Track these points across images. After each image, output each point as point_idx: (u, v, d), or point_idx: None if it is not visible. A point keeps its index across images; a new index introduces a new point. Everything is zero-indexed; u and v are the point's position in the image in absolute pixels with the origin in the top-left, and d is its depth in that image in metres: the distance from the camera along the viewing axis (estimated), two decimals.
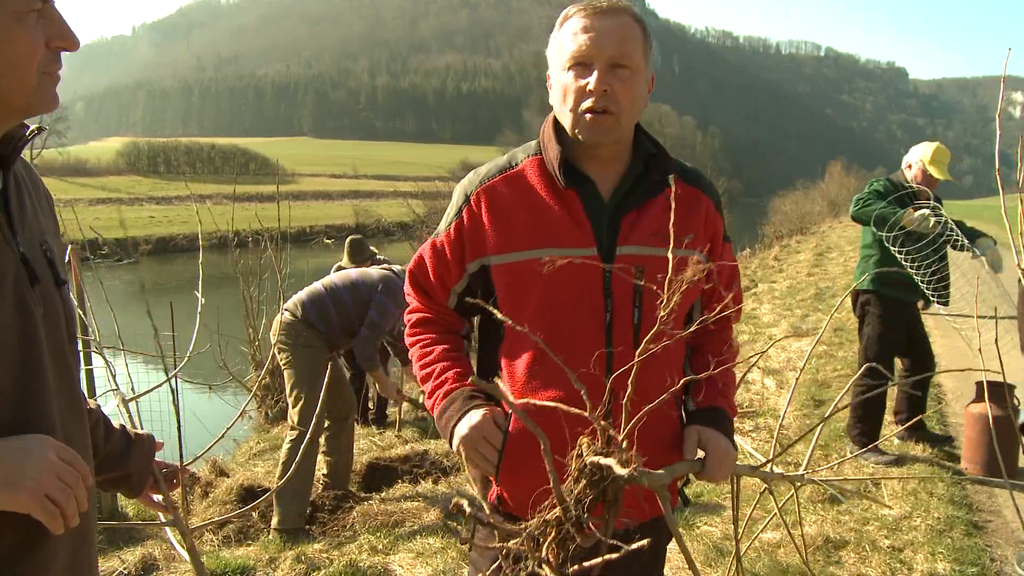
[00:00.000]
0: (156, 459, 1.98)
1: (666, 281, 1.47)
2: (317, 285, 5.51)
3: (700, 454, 1.93)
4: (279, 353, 5.28)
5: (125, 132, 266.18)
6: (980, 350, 2.31)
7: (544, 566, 1.38)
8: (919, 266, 5.16)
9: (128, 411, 2.44)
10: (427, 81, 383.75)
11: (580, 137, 1.91)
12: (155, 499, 2.02)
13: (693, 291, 2.00)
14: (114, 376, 2.83)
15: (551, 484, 1.43)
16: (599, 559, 1.38)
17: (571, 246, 1.88)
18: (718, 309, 1.61)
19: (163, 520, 2.18)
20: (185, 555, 2.15)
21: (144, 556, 4.55)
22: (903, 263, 5.18)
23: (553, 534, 1.41)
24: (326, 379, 3.25)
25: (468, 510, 1.47)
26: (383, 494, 5.51)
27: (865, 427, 5.68)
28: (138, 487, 1.92)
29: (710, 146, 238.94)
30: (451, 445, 1.93)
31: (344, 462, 5.58)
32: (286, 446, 5.15)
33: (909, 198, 5.46)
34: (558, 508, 1.42)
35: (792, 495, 2.41)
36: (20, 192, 1.49)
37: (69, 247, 5.40)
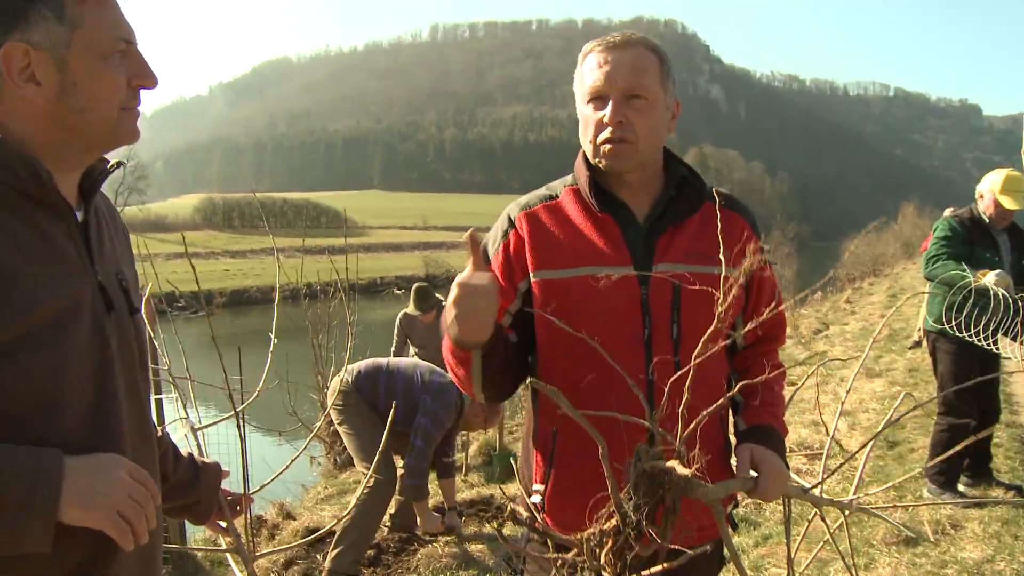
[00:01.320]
0: (222, 487, 2.04)
1: (720, 286, 1.51)
2: (382, 360, 5.58)
3: (752, 473, 1.91)
4: (332, 414, 5.38)
5: (201, 188, 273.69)
6: None
7: (603, 573, 1.37)
8: (977, 332, 5.03)
9: (197, 440, 2.50)
10: (494, 132, 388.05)
11: (601, 166, 2.00)
12: (220, 526, 2.07)
13: (735, 305, 2.00)
14: (184, 405, 2.91)
15: (609, 491, 1.43)
16: (658, 567, 1.38)
17: (609, 265, 1.93)
18: (765, 314, 1.62)
19: (225, 547, 2.20)
20: None
21: None
22: (956, 329, 5.12)
23: (610, 543, 1.41)
24: (388, 426, 3.24)
25: (524, 514, 1.47)
26: (448, 537, 5.49)
27: (943, 466, 5.49)
28: (205, 514, 1.99)
29: (778, 190, 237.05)
30: (450, 332, 1.82)
31: (412, 511, 5.58)
32: (362, 491, 5.18)
33: (983, 233, 5.31)
34: (616, 516, 1.41)
35: (841, 522, 2.34)
36: (100, 223, 1.59)
37: (146, 294, 5.56)
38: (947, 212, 12.64)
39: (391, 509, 5.59)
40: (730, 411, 2.13)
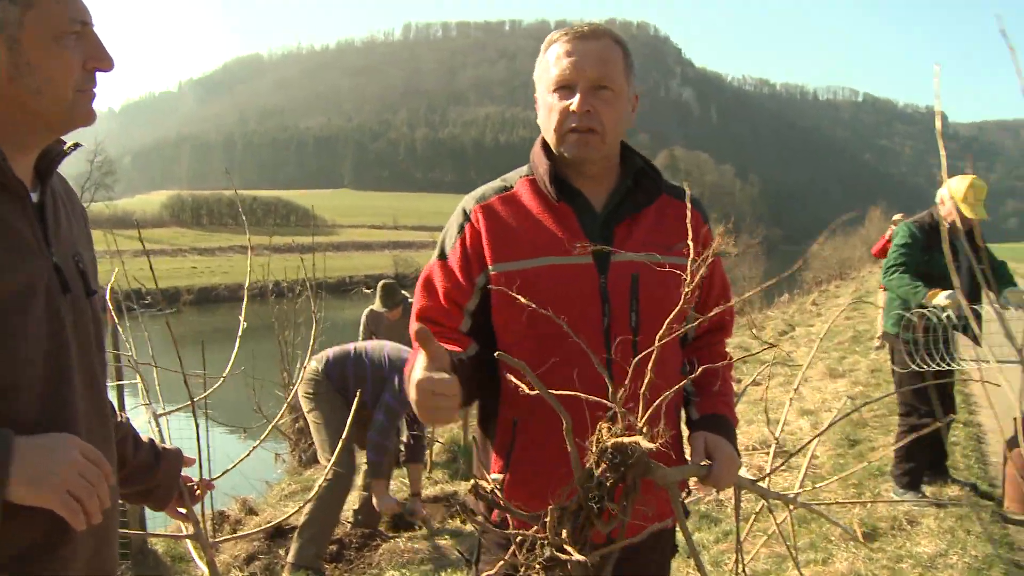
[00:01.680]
0: (183, 475, 2.05)
1: (688, 269, 1.55)
2: (349, 345, 5.57)
3: (706, 460, 1.93)
4: (302, 401, 5.40)
5: (170, 185, 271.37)
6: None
7: (565, 549, 1.38)
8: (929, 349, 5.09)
9: (158, 426, 2.49)
10: (466, 132, 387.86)
11: (566, 155, 1.99)
12: (180, 512, 2.08)
13: (690, 297, 2.03)
14: (147, 391, 2.90)
15: (572, 466, 1.44)
16: (618, 543, 1.40)
17: (567, 255, 1.93)
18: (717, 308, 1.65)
19: (185, 533, 2.20)
20: (204, 568, 2.19)
21: None
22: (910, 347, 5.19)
23: (571, 520, 1.42)
24: (351, 416, 3.22)
25: (487, 491, 1.49)
26: (411, 533, 5.50)
27: (907, 467, 5.54)
28: (164, 500, 1.98)
29: (749, 193, 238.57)
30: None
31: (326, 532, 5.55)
32: (321, 483, 5.15)
33: (941, 238, 5.35)
34: (578, 493, 1.43)
35: (786, 517, 2.38)
36: (56, 205, 1.59)
37: (108, 289, 5.52)
38: (896, 218, 12.83)
39: (354, 506, 5.58)
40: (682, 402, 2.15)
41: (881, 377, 10.01)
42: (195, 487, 2.10)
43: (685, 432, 2.14)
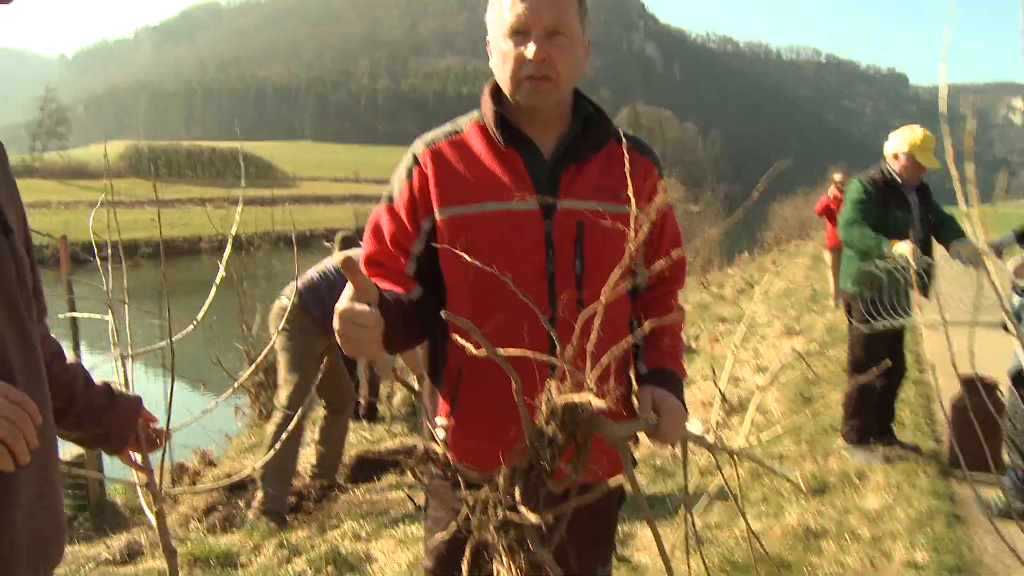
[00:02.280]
0: (143, 420, 1.99)
1: (631, 222, 1.51)
2: (310, 271, 5.55)
3: (653, 415, 1.95)
4: (278, 338, 5.31)
5: (127, 135, 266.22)
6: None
7: (518, 509, 1.39)
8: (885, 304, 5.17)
9: (125, 368, 2.43)
10: (427, 83, 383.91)
11: (521, 102, 1.97)
12: (135, 459, 2.03)
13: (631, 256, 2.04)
14: (116, 332, 2.81)
15: (523, 426, 1.45)
16: (572, 502, 1.41)
17: (512, 200, 1.92)
18: (669, 257, 1.64)
19: (136, 480, 2.17)
20: (152, 519, 2.15)
21: (129, 542, 4.59)
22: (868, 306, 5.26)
23: (523, 480, 1.43)
24: (323, 365, 3.21)
25: (435, 449, 1.50)
26: (369, 484, 5.54)
27: (855, 423, 5.66)
28: (117, 444, 1.94)
29: (711, 151, 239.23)
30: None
31: (335, 453, 5.60)
32: (270, 428, 5.14)
33: (895, 193, 5.39)
34: (528, 453, 1.44)
35: (733, 472, 2.43)
36: None
37: (62, 238, 5.45)
38: (837, 177, 12.98)
39: (312, 459, 5.62)
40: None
41: (836, 335, 10.15)
42: (153, 434, 2.04)
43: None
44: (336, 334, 1.70)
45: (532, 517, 1.34)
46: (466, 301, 1.96)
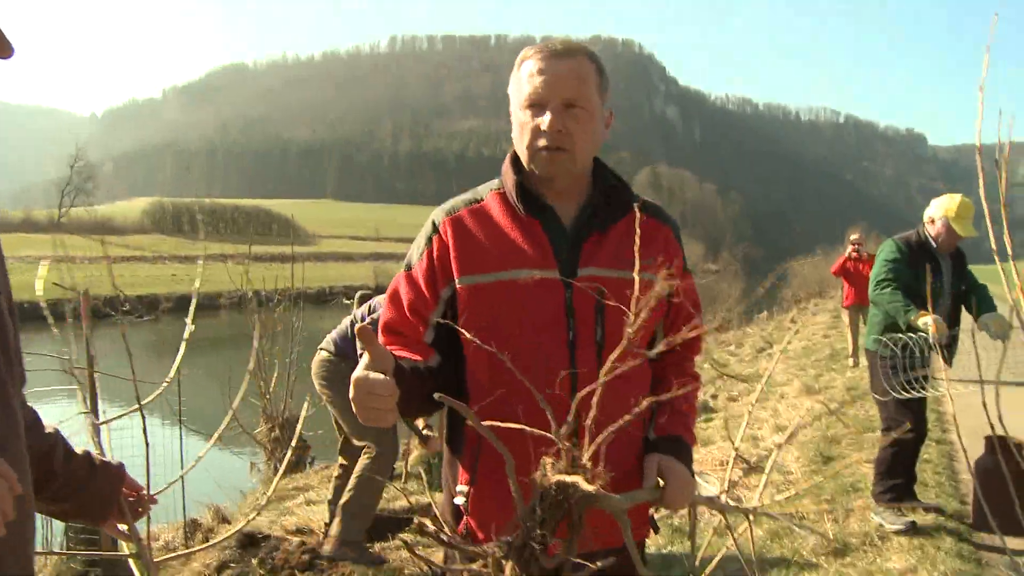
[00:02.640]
0: (126, 488, 1.92)
1: (633, 299, 1.52)
2: (344, 321, 5.68)
3: (660, 482, 1.94)
4: (320, 391, 5.44)
5: (151, 192, 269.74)
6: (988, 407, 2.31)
7: None
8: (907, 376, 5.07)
9: (99, 437, 2.39)
10: (449, 145, 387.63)
11: (537, 171, 2.00)
12: (120, 529, 1.95)
13: (656, 314, 2.03)
14: (85, 399, 2.79)
15: (515, 504, 1.44)
16: None
17: (533, 268, 1.94)
18: (685, 329, 1.62)
19: (127, 552, 2.11)
20: None
21: None
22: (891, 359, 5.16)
23: (516, 555, 1.42)
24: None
25: (432, 530, 1.48)
26: (385, 543, 5.49)
27: (889, 483, 5.44)
28: (100, 515, 1.87)
29: (730, 211, 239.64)
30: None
31: (369, 503, 5.59)
32: (363, 461, 5.30)
33: (929, 257, 5.28)
34: (521, 529, 1.43)
35: (745, 529, 2.39)
36: None
37: (84, 293, 5.48)
38: (854, 237, 12.99)
39: (314, 523, 5.64)
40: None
41: (856, 393, 10.07)
42: (139, 503, 1.97)
43: None
44: (352, 402, 1.70)
45: None
46: (485, 370, 1.97)
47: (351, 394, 1.69)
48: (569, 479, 1.38)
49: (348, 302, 8.40)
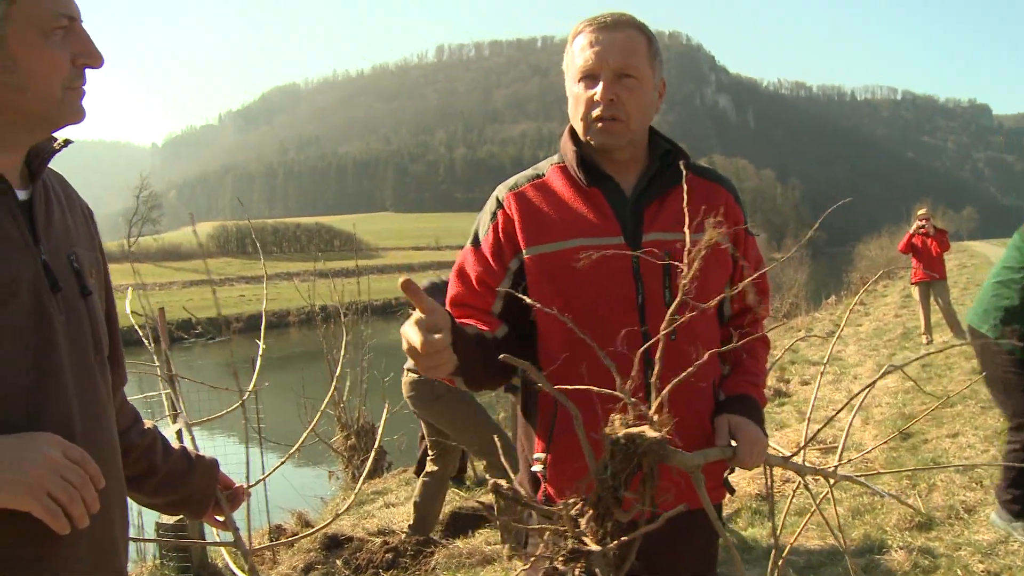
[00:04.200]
0: (222, 480, 2.01)
1: (684, 252, 1.56)
2: None
3: (732, 442, 1.96)
4: (413, 408, 5.60)
5: (215, 216, 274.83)
6: None
7: (585, 540, 1.41)
8: None
9: (192, 437, 2.50)
10: (503, 150, 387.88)
11: (592, 143, 2.05)
12: (219, 520, 2.03)
13: (721, 273, 2.06)
14: (174, 403, 2.90)
15: (586, 459, 1.48)
16: (638, 531, 1.42)
17: (599, 236, 1.98)
18: (749, 281, 1.66)
19: (223, 539, 2.18)
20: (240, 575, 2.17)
21: None
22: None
23: (591, 511, 1.45)
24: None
25: (506, 489, 1.52)
26: (465, 539, 5.55)
27: (1017, 492, 4.74)
28: (200, 508, 1.95)
29: (790, 197, 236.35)
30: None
31: (433, 513, 5.69)
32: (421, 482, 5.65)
33: None
34: (595, 485, 1.46)
35: (827, 492, 2.37)
36: (48, 202, 1.54)
37: (160, 311, 5.65)
38: (920, 212, 12.65)
39: (409, 519, 5.72)
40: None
41: (932, 371, 9.89)
42: (235, 496, 2.05)
43: None
44: (407, 355, 1.71)
45: (594, 547, 1.37)
46: (557, 337, 2.01)
47: (404, 347, 1.70)
48: (635, 429, 1.42)
49: (412, 312, 8.49)
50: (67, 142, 1.58)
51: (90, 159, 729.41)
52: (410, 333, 1.67)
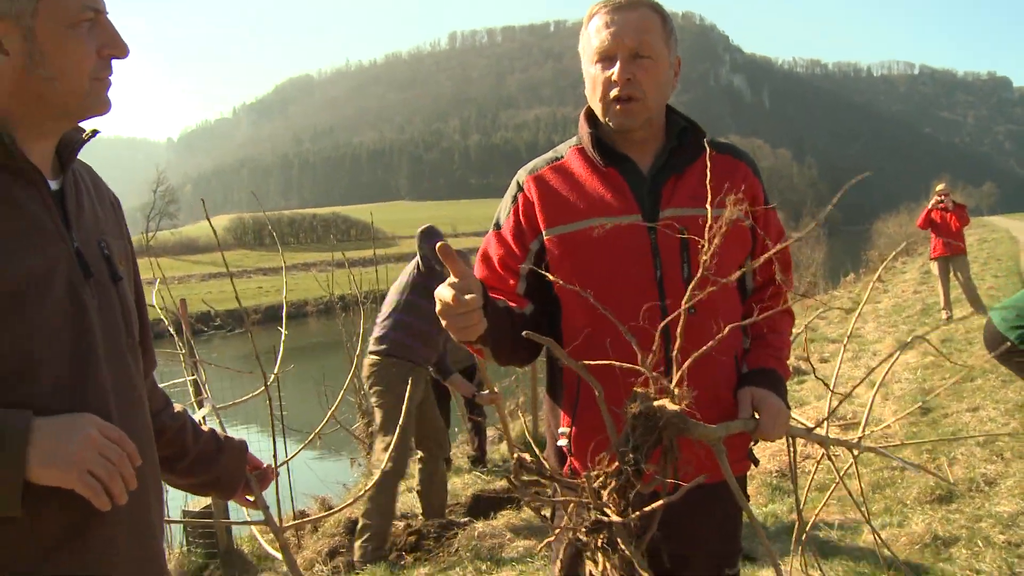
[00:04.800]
0: (250, 459, 2.06)
1: (706, 228, 1.57)
2: (382, 312, 5.68)
3: (755, 415, 1.98)
4: (371, 395, 5.49)
5: (231, 209, 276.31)
6: None
7: (606, 512, 1.44)
8: None
9: (220, 421, 2.56)
10: (518, 135, 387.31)
11: (611, 124, 2.06)
12: (249, 500, 2.08)
13: (741, 248, 2.07)
14: (200, 388, 2.97)
15: (608, 432, 1.51)
16: (660, 503, 1.45)
17: (616, 215, 2.01)
18: (771, 254, 1.67)
19: (252, 518, 2.24)
20: (275, 553, 2.23)
21: None
22: None
23: (613, 483, 1.48)
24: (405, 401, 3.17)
25: (530, 462, 1.55)
26: (487, 521, 5.59)
27: None
28: (230, 488, 2.01)
29: (807, 176, 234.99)
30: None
31: (440, 498, 5.74)
32: (374, 482, 5.29)
33: None
34: (617, 457, 1.49)
35: (851, 464, 2.38)
36: (78, 192, 1.59)
37: (181, 301, 5.71)
38: (940, 187, 12.55)
39: (419, 509, 5.78)
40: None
41: (952, 347, 9.86)
42: (264, 476, 2.11)
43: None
44: (440, 317, 1.76)
45: (615, 517, 1.41)
46: (580, 314, 2.03)
47: (438, 308, 1.75)
48: (656, 403, 1.44)
49: None
50: (95, 132, 1.63)
51: (108, 154, 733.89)
52: (445, 294, 1.73)
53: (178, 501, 5.49)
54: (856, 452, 2.23)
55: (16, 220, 1.42)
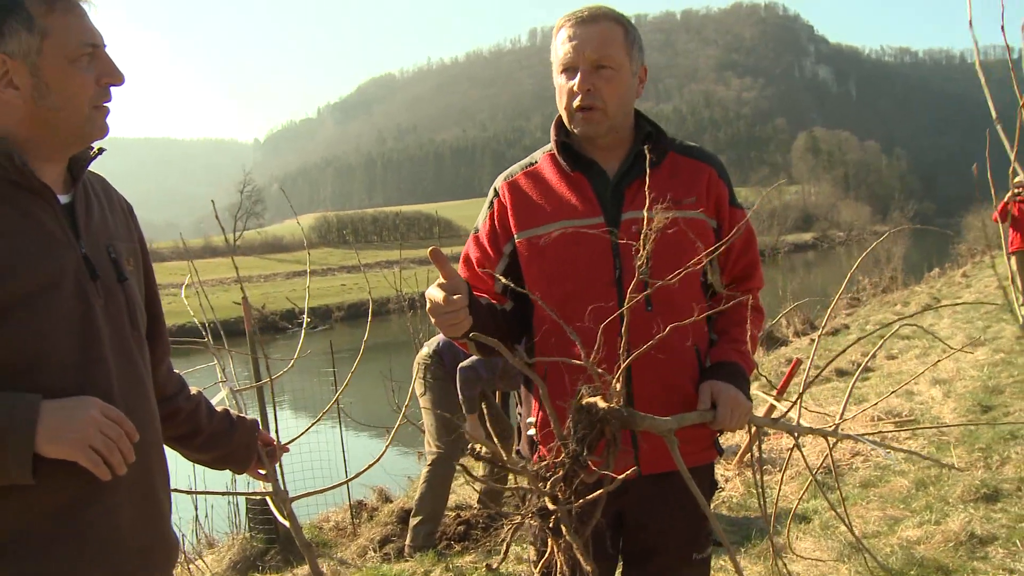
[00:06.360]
0: (261, 436, 2.31)
1: (641, 235, 1.71)
2: None
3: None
4: (416, 387, 5.57)
5: (317, 208, 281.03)
6: None
7: (550, 500, 1.56)
8: None
9: (237, 402, 2.76)
10: None
11: (576, 131, 2.22)
12: (260, 474, 2.34)
13: (693, 249, 2.17)
14: (224, 369, 3.18)
15: (552, 425, 1.65)
16: (600, 491, 1.57)
17: (580, 218, 2.16)
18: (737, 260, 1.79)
19: (264, 490, 2.49)
20: (284, 521, 2.46)
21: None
22: None
23: (560, 472, 1.61)
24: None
25: (484, 453, 1.68)
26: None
27: None
28: (244, 463, 2.26)
29: (896, 168, 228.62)
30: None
31: (443, 500, 5.72)
32: (425, 470, 5.46)
33: None
34: (562, 448, 1.62)
35: (827, 455, 2.44)
36: (89, 202, 1.80)
37: (243, 300, 5.98)
38: (1019, 179, 12.15)
39: (470, 499, 5.91)
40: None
41: None
42: (272, 450, 2.36)
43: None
44: (429, 315, 1.98)
45: (552, 505, 1.53)
46: (546, 312, 2.18)
47: (428, 307, 1.98)
48: (589, 400, 1.58)
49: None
50: (101, 150, 1.86)
51: (198, 157, 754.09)
52: (434, 294, 1.96)
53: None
54: (833, 441, 2.30)
55: (32, 232, 1.64)
